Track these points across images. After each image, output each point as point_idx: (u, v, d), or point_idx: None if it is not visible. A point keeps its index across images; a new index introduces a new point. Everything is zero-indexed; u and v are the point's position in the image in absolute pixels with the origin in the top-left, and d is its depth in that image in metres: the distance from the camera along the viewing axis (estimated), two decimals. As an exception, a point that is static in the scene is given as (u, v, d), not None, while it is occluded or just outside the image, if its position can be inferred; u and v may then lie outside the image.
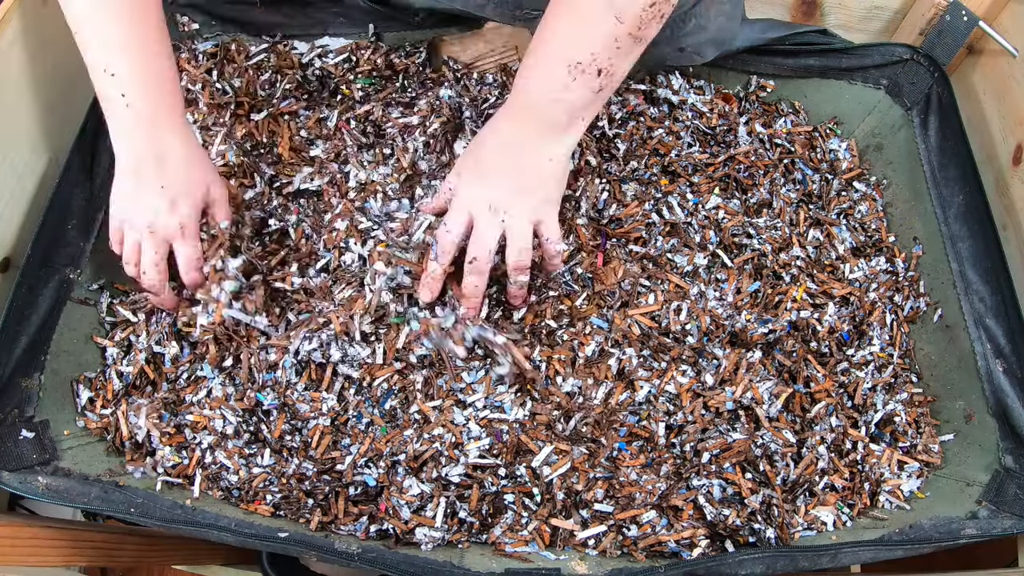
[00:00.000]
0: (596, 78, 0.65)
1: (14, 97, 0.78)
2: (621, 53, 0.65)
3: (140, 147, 0.71)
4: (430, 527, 0.71)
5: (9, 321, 0.70)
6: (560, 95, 0.67)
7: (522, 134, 0.70)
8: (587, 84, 0.66)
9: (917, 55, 0.95)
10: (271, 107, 0.91)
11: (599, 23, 0.63)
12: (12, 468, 0.67)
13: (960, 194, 0.89)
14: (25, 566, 0.71)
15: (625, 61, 0.66)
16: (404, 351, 0.76)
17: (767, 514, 0.75)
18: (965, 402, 0.84)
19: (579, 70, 0.65)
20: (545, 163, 0.70)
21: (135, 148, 0.71)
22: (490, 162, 0.71)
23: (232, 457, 0.74)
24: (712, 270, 0.88)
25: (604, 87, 0.67)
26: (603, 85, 0.67)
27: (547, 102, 0.68)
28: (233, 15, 0.93)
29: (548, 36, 0.67)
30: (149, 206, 0.71)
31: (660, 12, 0.63)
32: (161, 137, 0.71)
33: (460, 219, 0.71)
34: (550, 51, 0.67)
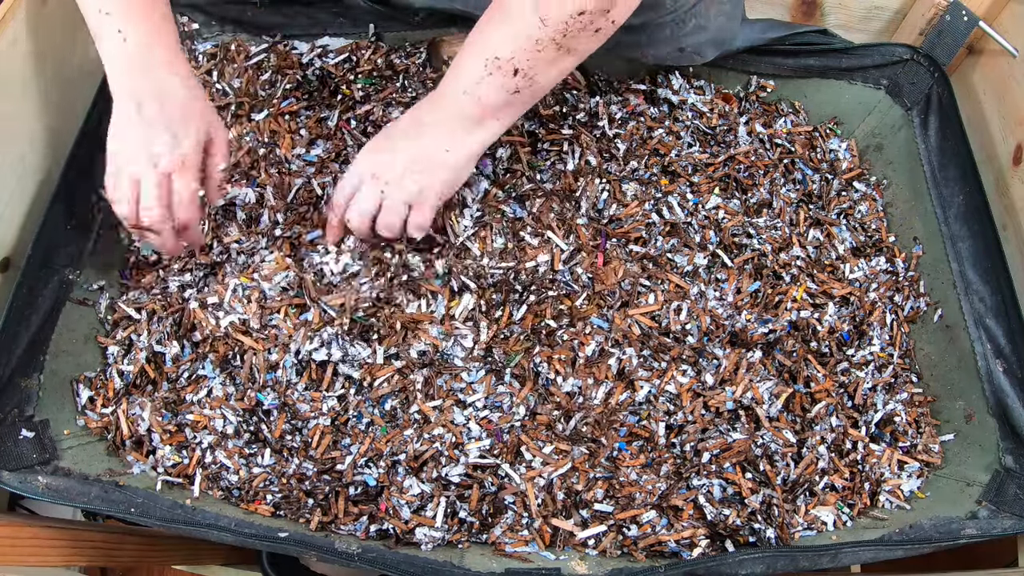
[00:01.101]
0: (512, 77, 0.66)
1: (14, 97, 0.78)
2: (542, 58, 0.65)
3: (139, 84, 0.69)
4: (430, 527, 0.71)
5: (9, 321, 0.70)
6: (472, 88, 0.67)
7: (429, 120, 0.72)
8: (501, 82, 0.66)
9: (917, 55, 0.95)
10: (271, 107, 0.91)
11: (522, 23, 0.63)
12: (12, 468, 0.66)
13: (960, 194, 0.89)
14: (25, 566, 0.71)
15: (548, 68, 0.66)
16: (404, 345, 0.77)
17: (767, 514, 0.75)
18: (965, 402, 0.84)
19: (495, 66, 0.65)
20: (441, 152, 0.72)
21: (134, 85, 0.69)
22: (391, 139, 0.74)
23: (232, 457, 0.74)
24: (712, 270, 0.88)
25: (520, 89, 0.67)
26: (519, 87, 0.67)
27: (458, 92, 0.69)
28: (233, 15, 0.93)
29: (475, 32, 0.68)
30: (151, 140, 0.69)
31: (593, 25, 0.63)
32: (161, 74, 0.70)
33: (351, 180, 0.75)
34: (472, 45, 0.68)
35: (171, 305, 0.80)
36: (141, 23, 0.69)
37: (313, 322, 0.77)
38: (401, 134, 0.74)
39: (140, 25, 0.69)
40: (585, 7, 0.61)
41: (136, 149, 0.70)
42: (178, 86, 0.71)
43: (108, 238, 0.83)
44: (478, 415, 0.76)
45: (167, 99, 0.70)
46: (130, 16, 0.68)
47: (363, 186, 0.74)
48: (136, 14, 0.69)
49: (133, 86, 0.69)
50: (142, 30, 0.69)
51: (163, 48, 0.71)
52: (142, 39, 0.69)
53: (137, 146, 0.70)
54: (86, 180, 0.80)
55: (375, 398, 0.76)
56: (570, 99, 0.97)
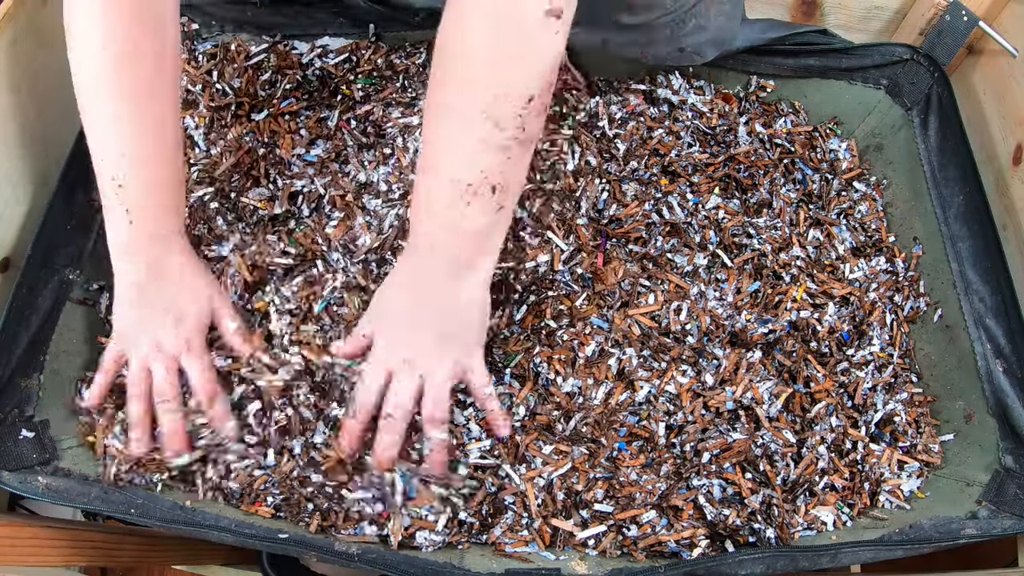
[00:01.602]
0: (492, 196, 0.61)
1: (14, 97, 0.78)
2: (512, 162, 0.60)
3: (141, 265, 0.69)
4: (431, 531, 0.71)
5: (9, 321, 0.70)
6: (459, 225, 0.62)
7: (430, 279, 0.66)
8: (484, 206, 0.61)
9: (917, 55, 0.95)
10: (271, 107, 0.91)
11: (480, 134, 0.58)
12: (12, 468, 0.66)
13: (960, 194, 0.89)
14: (25, 566, 0.71)
15: (518, 169, 0.62)
16: None
17: (767, 514, 0.75)
18: (965, 402, 0.84)
19: (471, 192, 0.60)
20: (461, 306, 0.66)
21: (136, 266, 0.69)
22: (403, 314, 0.67)
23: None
24: (712, 270, 0.88)
25: (504, 204, 0.62)
26: (501, 203, 0.62)
27: (447, 237, 0.63)
28: (233, 15, 0.93)
29: (429, 163, 0.62)
30: (153, 324, 0.69)
31: (541, 104, 0.59)
32: (162, 253, 0.70)
33: (378, 377, 0.67)
34: (436, 180, 0.62)
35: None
36: (153, 206, 0.68)
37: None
38: (409, 306, 0.67)
39: (152, 208, 0.68)
40: (532, 91, 0.57)
41: (139, 334, 0.70)
42: (177, 264, 0.71)
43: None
44: (478, 415, 0.76)
45: (168, 278, 0.70)
46: (142, 197, 0.67)
47: (396, 376, 0.67)
48: (149, 197, 0.68)
49: (134, 266, 0.69)
50: (148, 213, 0.68)
51: (169, 227, 0.70)
52: (148, 221, 0.68)
53: (140, 331, 0.70)
54: (86, 180, 0.80)
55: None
56: (570, 99, 0.97)
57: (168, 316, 0.70)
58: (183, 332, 0.70)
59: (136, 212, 0.68)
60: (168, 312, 0.70)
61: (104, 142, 0.67)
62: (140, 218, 0.68)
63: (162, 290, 0.70)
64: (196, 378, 0.71)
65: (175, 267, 0.71)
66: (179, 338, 0.70)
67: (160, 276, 0.70)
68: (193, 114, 0.92)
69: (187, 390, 0.72)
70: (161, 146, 0.68)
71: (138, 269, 0.69)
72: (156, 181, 0.68)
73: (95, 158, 0.68)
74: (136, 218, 0.68)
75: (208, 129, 0.91)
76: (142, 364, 0.70)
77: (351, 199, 0.85)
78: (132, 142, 0.66)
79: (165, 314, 0.70)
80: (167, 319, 0.70)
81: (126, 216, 0.67)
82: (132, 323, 0.70)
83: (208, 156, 0.91)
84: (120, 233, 0.69)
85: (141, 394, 0.70)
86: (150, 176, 0.68)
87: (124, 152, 0.66)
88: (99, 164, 0.68)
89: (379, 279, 0.81)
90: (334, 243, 0.82)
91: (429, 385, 0.67)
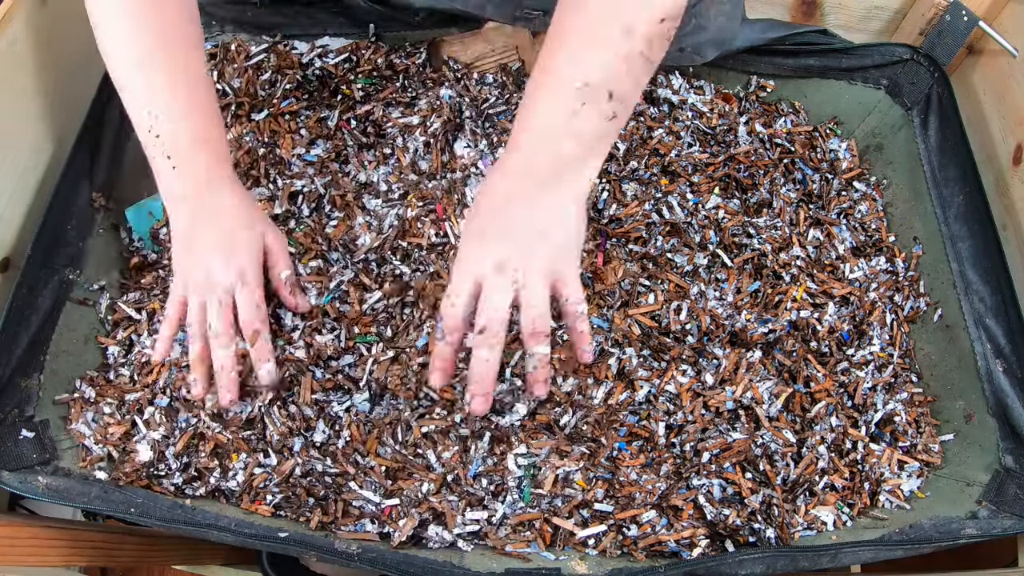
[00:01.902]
0: (608, 102, 0.58)
1: (14, 97, 0.78)
2: (632, 76, 0.58)
3: (191, 208, 0.70)
4: (444, 527, 0.72)
5: (9, 321, 0.70)
6: (569, 124, 0.58)
7: (530, 177, 0.61)
8: (598, 110, 0.58)
9: (917, 55, 0.95)
10: (271, 107, 0.91)
11: (608, 42, 0.56)
12: (12, 468, 0.67)
13: (960, 194, 0.89)
14: (25, 566, 0.71)
15: (637, 86, 0.59)
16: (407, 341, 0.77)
17: (767, 514, 0.75)
18: (965, 402, 0.84)
19: (588, 95, 0.57)
20: (559, 209, 0.61)
21: (186, 209, 0.70)
22: (495, 215, 0.62)
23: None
24: (712, 270, 0.88)
25: (617, 114, 0.59)
26: (615, 112, 0.59)
27: (554, 134, 0.59)
28: (233, 15, 0.93)
29: (550, 61, 0.59)
30: (207, 262, 0.70)
31: (669, 32, 0.58)
32: (210, 194, 0.70)
33: (465, 287, 0.62)
34: (555, 77, 0.59)
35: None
36: (195, 150, 0.69)
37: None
38: (502, 205, 0.62)
39: (194, 151, 0.69)
40: (665, 13, 0.56)
41: (195, 274, 0.70)
42: (228, 203, 0.71)
43: (108, 238, 0.83)
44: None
45: (219, 218, 0.70)
46: (183, 142, 0.68)
47: (486, 283, 0.61)
48: (189, 140, 0.68)
49: (185, 209, 0.70)
50: (192, 154, 0.69)
51: (215, 168, 0.71)
52: (192, 163, 0.69)
53: (195, 270, 0.70)
54: (86, 180, 0.80)
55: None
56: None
57: (220, 252, 0.70)
58: (235, 264, 0.70)
59: (178, 158, 0.68)
60: (221, 249, 0.70)
61: (134, 93, 0.68)
62: (182, 164, 0.68)
63: (214, 229, 0.70)
64: (243, 309, 0.70)
65: (225, 208, 0.71)
66: (232, 269, 0.70)
67: (212, 217, 0.70)
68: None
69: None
70: (192, 92, 0.69)
71: (189, 213, 0.70)
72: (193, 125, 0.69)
73: (131, 112, 0.69)
74: (179, 163, 0.68)
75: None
76: (199, 303, 0.70)
77: (351, 199, 0.85)
78: (162, 91, 0.67)
79: (218, 251, 0.70)
80: (219, 255, 0.70)
81: (168, 163, 0.68)
82: (188, 265, 0.71)
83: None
84: (167, 181, 0.69)
85: (199, 334, 0.71)
86: (185, 122, 0.68)
87: (155, 102, 0.67)
88: (137, 121, 0.68)
89: (379, 279, 0.81)
90: (334, 243, 0.82)
91: (526, 293, 0.61)
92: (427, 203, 0.85)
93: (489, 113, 0.93)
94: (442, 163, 0.88)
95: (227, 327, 0.70)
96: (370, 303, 0.79)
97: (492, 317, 0.61)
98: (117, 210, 0.84)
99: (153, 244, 0.86)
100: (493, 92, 0.95)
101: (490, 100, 0.94)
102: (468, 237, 0.64)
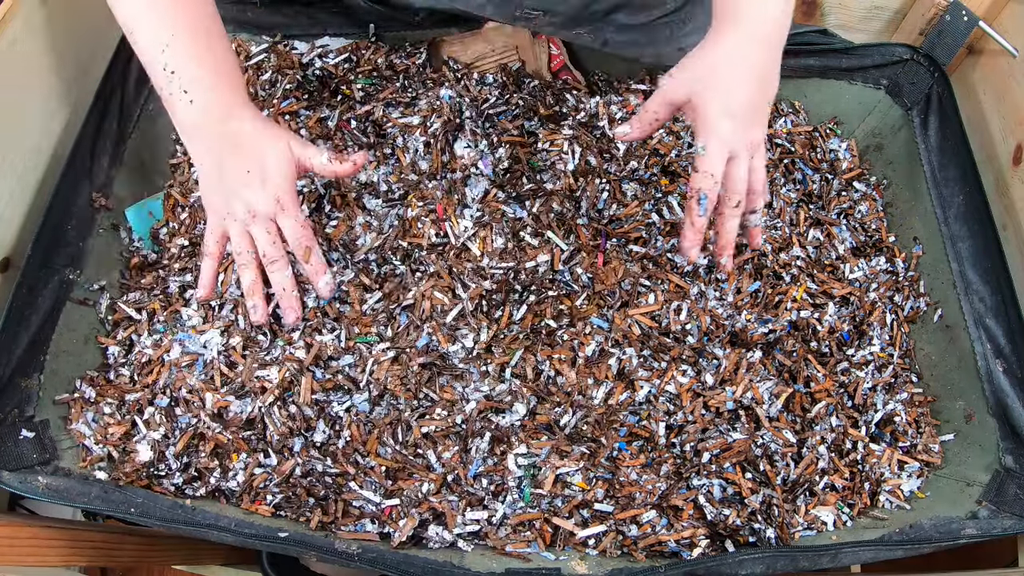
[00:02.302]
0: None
1: (14, 97, 0.78)
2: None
3: (213, 140, 0.70)
4: (444, 527, 0.72)
5: (9, 321, 0.70)
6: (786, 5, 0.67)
7: (763, 52, 0.68)
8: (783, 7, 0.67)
9: (917, 55, 0.95)
10: (271, 107, 0.91)
11: None
12: (12, 468, 0.66)
13: (960, 194, 0.89)
14: (25, 566, 0.71)
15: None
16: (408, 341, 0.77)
17: (767, 514, 0.75)
18: (965, 402, 0.84)
19: None
20: (773, 80, 0.69)
21: (208, 143, 0.70)
22: (743, 88, 0.67)
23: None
24: (712, 270, 0.88)
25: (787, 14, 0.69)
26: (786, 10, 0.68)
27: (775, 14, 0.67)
28: (233, 15, 0.93)
29: None
30: (241, 191, 0.70)
31: None
32: (231, 121, 0.70)
33: (721, 164, 0.68)
34: None
35: (171, 305, 0.80)
36: (209, 81, 0.69)
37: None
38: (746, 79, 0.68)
39: (208, 82, 0.68)
40: None
41: (232, 205, 0.70)
42: (249, 127, 0.71)
43: (108, 238, 0.83)
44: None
45: (243, 144, 0.70)
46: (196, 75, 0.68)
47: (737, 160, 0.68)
48: (202, 71, 0.68)
49: (207, 142, 0.70)
50: (211, 88, 0.69)
51: (230, 96, 0.70)
52: (208, 95, 0.69)
53: (232, 202, 0.70)
54: (86, 180, 0.80)
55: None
56: (570, 99, 0.97)
57: (254, 179, 0.70)
58: (271, 190, 0.70)
59: (195, 91, 0.68)
60: (253, 175, 0.70)
61: (146, 33, 0.68)
62: (200, 95, 0.68)
63: (240, 157, 0.70)
64: (289, 233, 0.72)
65: (247, 134, 0.71)
66: (269, 197, 0.70)
67: (235, 146, 0.70)
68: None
69: None
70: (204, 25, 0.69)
71: (212, 146, 0.70)
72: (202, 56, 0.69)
73: (143, 57, 0.69)
74: (196, 96, 0.68)
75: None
76: (242, 232, 0.71)
77: (351, 199, 0.85)
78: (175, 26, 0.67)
79: (250, 178, 0.70)
80: (253, 182, 0.70)
81: (186, 97, 0.68)
82: (222, 199, 0.71)
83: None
84: (185, 117, 0.69)
85: (248, 262, 0.72)
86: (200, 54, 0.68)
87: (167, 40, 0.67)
88: (147, 60, 0.68)
89: (380, 278, 0.81)
90: (334, 243, 0.82)
91: (756, 161, 0.68)
92: (427, 203, 0.85)
93: (489, 113, 0.93)
94: (442, 163, 0.88)
95: (281, 251, 0.72)
96: (370, 303, 0.79)
97: (740, 189, 0.69)
98: (117, 210, 0.84)
99: (153, 244, 0.86)
100: (493, 92, 0.95)
101: (490, 100, 0.94)
102: (719, 114, 0.67)
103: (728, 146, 0.67)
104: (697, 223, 0.70)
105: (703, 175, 0.68)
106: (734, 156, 0.68)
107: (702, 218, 0.69)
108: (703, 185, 0.68)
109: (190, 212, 0.87)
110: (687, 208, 0.70)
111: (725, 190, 0.69)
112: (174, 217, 0.87)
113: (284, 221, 0.72)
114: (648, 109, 0.72)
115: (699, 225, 0.70)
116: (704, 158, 0.68)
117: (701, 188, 0.68)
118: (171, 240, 0.85)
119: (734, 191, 0.69)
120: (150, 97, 0.89)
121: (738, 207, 0.69)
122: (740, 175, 0.68)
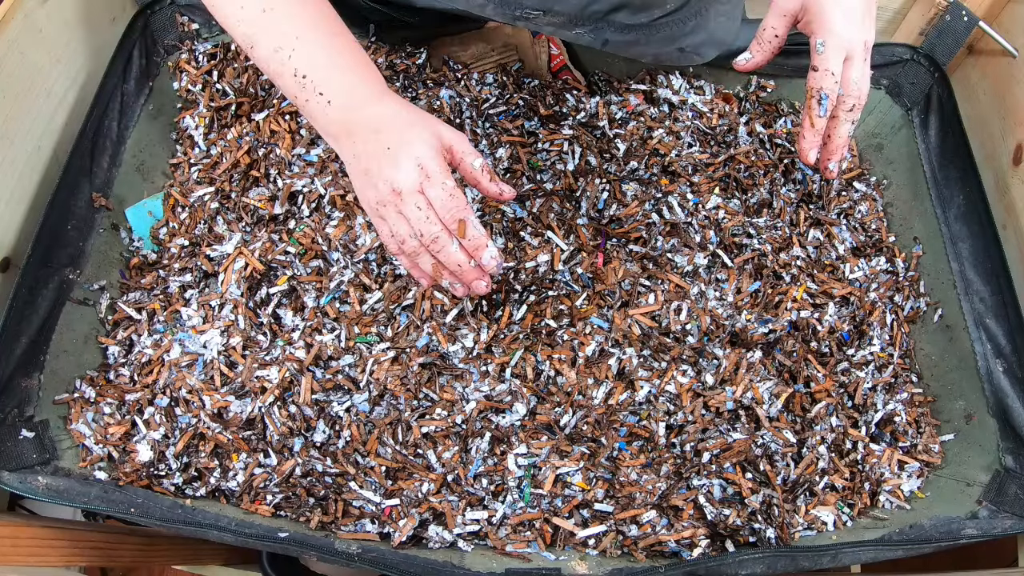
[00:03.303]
0: None
1: (14, 97, 0.78)
2: None
3: (356, 133, 0.67)
4: (444, 528, 0.72)
5: (9, 321, 0.70)
6: None
7: None
8: None
9: (917, 55, 0.95)
10: (271, 107, 0.91)
11: None
12: (12, 468, 0.66)
13: (960, 194, 0.89)
14: (25, 566, 0.71)
15: None
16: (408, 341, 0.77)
17: (767, 514, 0.75)
18: (965, 402, 0.84)
19: None
20: None
21: (353, 137, 0.67)
22: None
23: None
24: (712, 270, 0.88)
25: None
26: None
27: None
28: (233, 15, 0.92)
29: None
30: (386, 175, 0.65)
31: None
32: (370, 109, 0.67)
33: (840, 65, 0.67)
34: None
35: (171, 305, 0.80)
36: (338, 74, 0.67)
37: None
38: None
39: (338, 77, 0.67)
40: None
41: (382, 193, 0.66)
42: (388, 112, 0.68)
43: (108, 238, 0.83)
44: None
45: (383, 132, 0.67)
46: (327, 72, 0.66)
47: (855, 59, 0.67)
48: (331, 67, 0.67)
49: (352, 140, 0.67)
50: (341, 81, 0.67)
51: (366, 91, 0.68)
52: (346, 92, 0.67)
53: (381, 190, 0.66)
54: (86, 180, 0.80)
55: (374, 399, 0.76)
56: (570, 99, 0.97)
57: (394, 155, 0.66)
58: (411, 159, 0.65)
59: (330, 91, 0.66)
60: (392, 151, 0.66)
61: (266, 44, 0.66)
62: (336, 95, 0.66)
63: (380, 140, 0.66)
64: (438, 205, 0.66)
65: (388, 117, 0.67)
66: (410, 168, 0.65)
67: (376, 131, 0.66)
68: (193, 114, 0.92)
69: None
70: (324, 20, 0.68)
71: (356, 141, 0.67)
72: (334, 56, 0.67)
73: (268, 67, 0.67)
74: (333, 97, 0.66)
75: (208, 129, 0.91)
76: (397, 217, 0.67)
77: (351, 199, 0.85)
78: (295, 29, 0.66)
79: (390, 154, 0.66)
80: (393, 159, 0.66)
81: (323, 99, 0.66)
82: (374, 192, 0.67)
83: (208, 156, 0.91)
84: (326, 119, 0.67)
85: (419, 248, 0.67)
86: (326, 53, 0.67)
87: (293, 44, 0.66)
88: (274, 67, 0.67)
89: (380, 278, 0.81)
90: (334, 243, 0.82)
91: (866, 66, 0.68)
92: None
93: (489, 113, 0.93)
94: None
95: (438, 224, 0.66)
96: (370, 303, 0.79)
97: (855, 92, 0.68)
98: (117, 210, 0.84)
99: (153, 244, 0.86)
100: (493, 92, 0.96)
101: (490, 100, 0.94)
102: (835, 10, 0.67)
103: (845, 44, 0.67)
104: (818, 124, 0.69)
105: (823, 73, 0.67)
106: (850, 56, 0.67)
107: (822, 119, 0.68)
108: (824, 84, 0.67)
109: (190, 212, 0.87)
110: (806, 108, 0.69)
111: (843, 91, 0.68)
112: (174, 217, 0.87)
113: (431, 191, 0.66)
114: (766, 27, 0.71)
115: (819, 126, 0.69)
116: (823, 56, 0.67)
117: (823, 87, 0.67)
118: (171, 240, 0.85)
119: (850, 94, 0.68)
120: (150, 97, 0.89)
121: (852, 111, 0.68)
122: (856, 76, 0.67)
